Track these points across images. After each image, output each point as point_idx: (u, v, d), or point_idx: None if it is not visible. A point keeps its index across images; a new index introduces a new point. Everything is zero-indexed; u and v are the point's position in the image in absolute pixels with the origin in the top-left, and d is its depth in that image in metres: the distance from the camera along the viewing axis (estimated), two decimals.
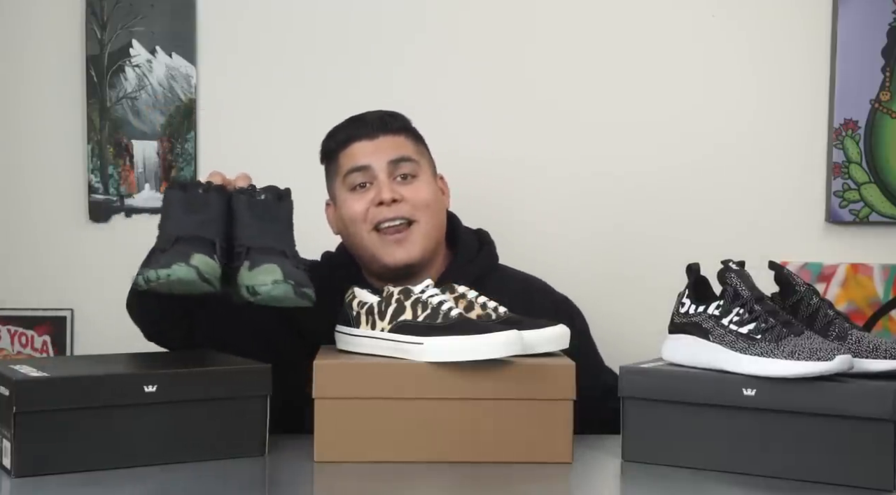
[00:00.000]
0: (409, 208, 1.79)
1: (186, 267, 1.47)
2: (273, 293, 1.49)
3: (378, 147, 1.82)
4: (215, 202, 1.57)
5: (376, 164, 1.81)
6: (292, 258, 1.56)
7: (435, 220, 1.83)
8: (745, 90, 2.28)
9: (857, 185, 2.25)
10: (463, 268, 1.85)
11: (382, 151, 1.81)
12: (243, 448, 1.50)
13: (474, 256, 1.88)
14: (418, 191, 1.81)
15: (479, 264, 1.87)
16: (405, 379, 1.47)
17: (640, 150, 2.28)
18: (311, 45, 2.28)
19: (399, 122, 1.86)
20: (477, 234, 1.93)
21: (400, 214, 1.78)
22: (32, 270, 2.28)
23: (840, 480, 1.38)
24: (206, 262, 1.49)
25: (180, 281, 1.47)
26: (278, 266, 1.51)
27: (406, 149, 1.83)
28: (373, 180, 1.81)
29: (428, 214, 1.81)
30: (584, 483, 1.48)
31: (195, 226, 1.54)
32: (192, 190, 1.58)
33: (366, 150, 1.82)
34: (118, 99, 2.26)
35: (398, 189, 1.79)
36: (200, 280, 1.48)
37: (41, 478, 1.38)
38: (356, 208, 1.81)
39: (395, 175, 1.81)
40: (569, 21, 2.28)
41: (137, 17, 2.25)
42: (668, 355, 1.55)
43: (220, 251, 1.54)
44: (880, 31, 2.24)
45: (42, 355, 2.25)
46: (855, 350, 1.42)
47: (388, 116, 1.85)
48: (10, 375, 1.39)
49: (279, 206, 1.60)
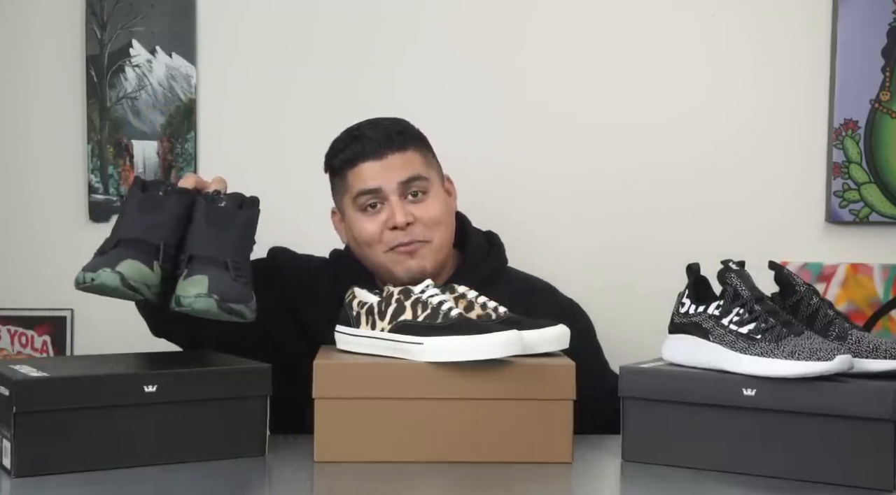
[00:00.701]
0: (422, 229, 1.78)
1: (111, 273, 1.47)
2: (195, 306, 1.48)
3: (387, 167, 1.78)
4: (173, 205, 1.56)
5: (387, 186, 1.78)
6: (233, 270, 1.53)
7: (447, 233, 1.82)
8: (745, 90, 2.28)
9: (857, 185, 2.25)
10: (472, 269, 1.85)
11: (392, 172, 1.78)
12: (243, 448, 1.50)
13: (483, 258, 1.88)
14: (429, 209, 1.79)
15: (488, 266, 1.87)
16: (405, 379, 1.47)
17: (640, 150, 2.28)
18: (312, 44, 2.28)
19: (406, 137, 1.81)
20: (486, 236, 1.93)
21: (414, 238, 1.77)
22: (32, 270, 2.28)
23: (840, 480, 1.38)
24: (137, 269, 1.49)
25: (103, 286, 1.48)
26: (208, 278, 1.50)
27: (415, 167, 1.80)
28: (384, 201, 1.78)
29: (440, 230, 1.80)
30: (584, 483, 1.48)
31: (144, 228, 1.53)
32: (151, 190, 1.57)
33: (375, 172, 1.78)
34: (118, 99, 2.26)
35: (410, 209, 1.78)
36: (124, 286, 1.48)
37: (41, 478, 1.38)
38: (369, 230, 1.79)
39: (405, 194, 1.79)
40: (569, 22, 2.28)
41: (137, 17, 2.25)
42: (668, 355, 1.55)
43: (164, 256, 1.53)
44: (880, 31, 2.24)
45: (42, 355, 2.25)
46: (855, 350, 1.42)
47: (394, 133, 1.80)
48: (10, 375, 1.39)
49: (237, 214, 1.58)
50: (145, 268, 1.50)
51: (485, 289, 1.71)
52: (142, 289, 1.50)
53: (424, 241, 1.78)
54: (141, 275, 1.49)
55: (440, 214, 1.80)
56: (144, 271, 1.50)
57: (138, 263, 1.50)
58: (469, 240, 1.89)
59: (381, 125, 1.82)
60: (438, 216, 1.80)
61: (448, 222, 1.83)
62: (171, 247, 1.54)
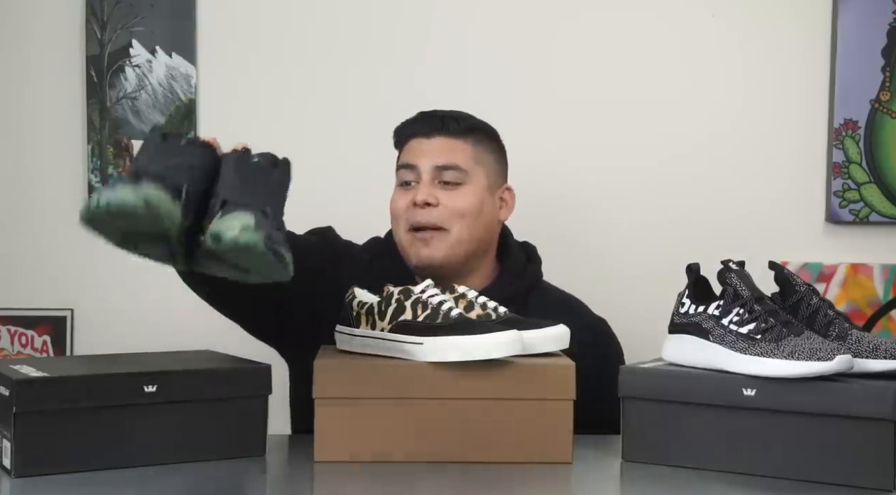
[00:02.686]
0: (442, 215, 1.78)
1: (133, 190, 1.31)
2: (240, 240, 1.31)
3: (430, 148, 1.81)
4: (195, 154, 1.41)
5: (423, 165, 1.81)
6: (273, 219, 1.37)
7: (470, 231, 1.81)
8: (745, 90, 2.28)
9: (857, 185, 2.25)
10: (510, 282, 1.85)
11: (432, 154, 1.81)
12: (243, 448, 1.50)
13: (521, 271, 1.89)
14: (456, 199, 1.79)
15: (526, 280, 1.88)
16: (405, 379, 1.47)
17: (639, 150, 2.28)
18: (312, 44, 2.28)
19: (461, 126, 1.83)
20: (524, 248, 1.94)
21: (430, 220, 1.78)
22: (32, 270, 2.28)
23: (840, 480, 1.38)
24: (160, 197, 1.32)
25: (123, 205, 1.30)
26: (252, 216, 1.33)
27: (457, 157, 1.81)
28: (418, 179, 1.81)
29: (461, 224, 1.79)
30: (584, 483, 1.47)
31: (165, 168, 1.37)
32: (172, 139, 1.42)
33: (418, 149, 1.82)
34: (118, 99, 2.26)
35: (438, 193, 1.79)
36: (146, 209, 1.31)
37: (41, 478, 1.38)
38: (398, 204, 1.82)
39: (438, 179, 1.80)
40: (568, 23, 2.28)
41: (137, 17, 2.25)
42: (668, 355, 1.55)
43: (187, 200, 1.36)
44: (880, 31, 2.24)
45: (42, 355, 2.25)
46: (855, 350, 1.42)
47: (451, 118, 1.84)
48: (10, 375, 1.39)
49: (272, 171, 1.44)
50: (168, 199, 1.32)
51: (519, 302, 1.73)
52: (166, 219, 1.32)
53: (441, 229, 1.78)
54: (165, 203, 1.32)
55: (467, 207, 1.80)
56: (167, 201, 1.32)
57: (163, 192, 1.32)
58: (509, 252, 1.90)
59: (444, 112, 1.86)
60: (464, 208, 1.79)
61: (474, 220, 1.81)
62: (195, 195, 1.37)
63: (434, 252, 1.79)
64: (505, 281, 1.86)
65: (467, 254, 1.82)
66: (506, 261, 1.89)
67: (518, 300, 1.79)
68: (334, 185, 2.26)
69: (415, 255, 1.80)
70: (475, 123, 1.86)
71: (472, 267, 1.84)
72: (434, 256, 1.79)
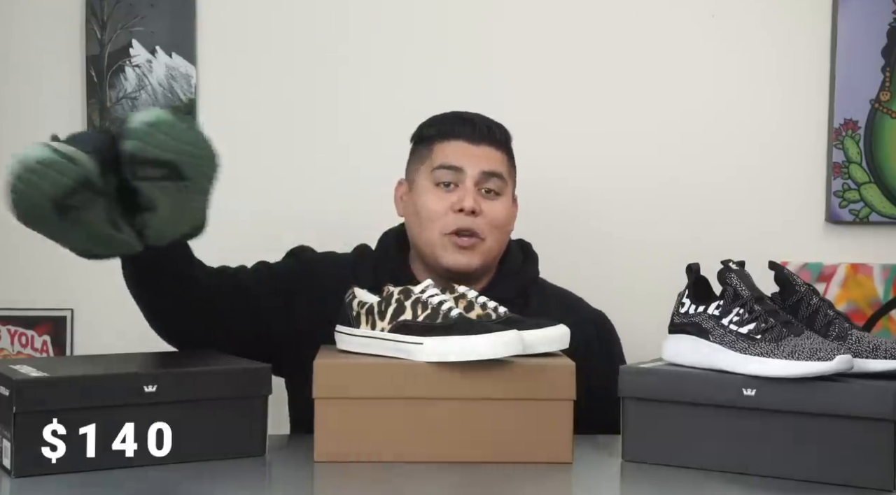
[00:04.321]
0: (484, 225, 1.80)
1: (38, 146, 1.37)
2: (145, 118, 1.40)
3: (477, 154, 1.81)
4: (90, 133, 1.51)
5: (469, 170, 1.80)
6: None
7: (501, 241, 1.84)
8: (744, 90, 2.28)
9: (857, 185, 2.25)
10: (508, 279, 1.86)
11: (479, 159, 1.81)
12: (243, 448, 1.50)
13: (519, 268, 1.90)
14: (497, 209, 1.81)
15: (523, 277, 1.89)
16: (405, 379, 1.47)
17: (639, 150, 2.28)
18: (312, 45, 2.28)
19: (503, 138, 1.85)
20: (520, 246, 1.95)
21: (474, 228, 1.79)
22: (32, 270, 2.28)
23: (840, 480, 1.38)
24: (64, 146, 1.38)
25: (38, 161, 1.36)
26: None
27: (501, 166, 1.83)
28: (459, 183, 1.80)
29: (496, 234, 1.82)
30: (584, 483, 1.47)
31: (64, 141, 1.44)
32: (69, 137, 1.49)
33: (464, 152, 1.81)
34: (118, 99, 2.26)
35: (480, 201, 1.80)
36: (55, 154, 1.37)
37: (41, 478, 1.38)
38: (436, 207, 1.80)
39: (481, 186, 1.81)
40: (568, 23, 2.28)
41: (137, 17, 2.25)
42: (668, 355, 1.55)
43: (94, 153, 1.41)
44: (880, 31, 2.24)
45: (42, 355, 2.25)
46: (855, 350, 1.42)
47: (496, 126, 1.85)
48: (10, 375, 1.39)
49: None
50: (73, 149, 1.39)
51: (519, 299, 1.76)
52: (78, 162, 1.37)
53: (481, 238, 1.80)
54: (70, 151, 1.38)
55: (504, 219, 1.83)
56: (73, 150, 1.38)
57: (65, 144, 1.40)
58: (508, 252, 1.91)
59: (484, 118, 1.86)
60: (502, 220, 1.82)
61: (506, 231, 1.85)
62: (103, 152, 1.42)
63: (472, 259, 1.79)
64: (504, 279, 1.87)
65: (494, 260, 1.85)
66: (504, 260, 1.90)
67: (518, 297, 1.81)
68: (334, 184, 2.26)
69: (451, 259, 1.79)
70: (509, 136, 1.88)
71: (485, 272, 1.85)
72: (472, 263, 1.79)
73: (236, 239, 1.91)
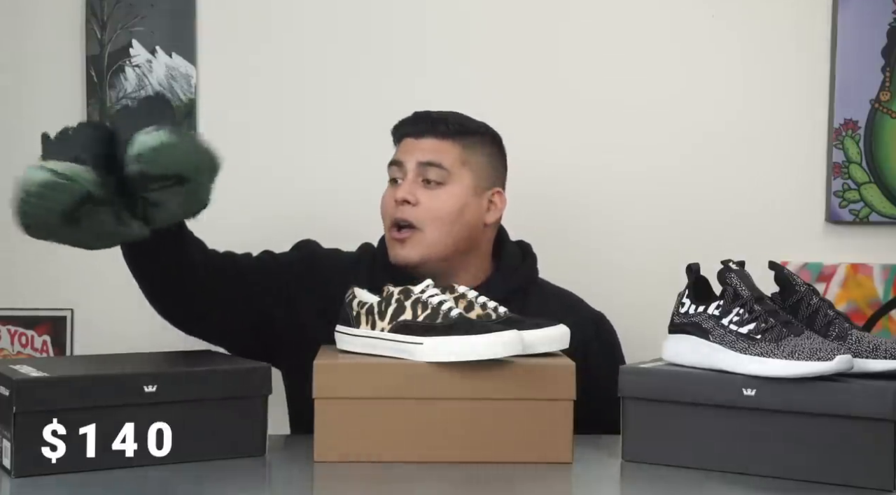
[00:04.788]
0: (419, 214, 1.79)
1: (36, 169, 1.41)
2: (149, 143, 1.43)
3: (417, 147, 1.83)
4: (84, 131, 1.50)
5: (408, 163, 1.83)
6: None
7: (446, 232, 1.80)
8: (744, 90, 2.28)
9: (857, 185, 2.25)
10: (505, 279, 1.87)
11: (417, 152, 1.83)
12: (243, 448, 1.50)
13: (516, 269, 1.90)
14: (435, 199, 1.80)
15: (521, 276, 1.90)
16: (405, 379, 1.47)
17: (639, 150, 2.28)
18: (312, 44, 2.28)
19: (453, 127, 1.84)
20: (520, 246, 1.95)
21: (404, 217, 1.79)
22: (32, 270, 2.28)
23: (840, 480, 1.38)
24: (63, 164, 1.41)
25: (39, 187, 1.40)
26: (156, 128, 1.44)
27: (442, 156, 1.82)
28: (404, 177, 1.83)
29: (436, 225, 1.80)
30: (584, 483, 1.47)
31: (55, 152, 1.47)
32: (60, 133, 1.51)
33: (408, 148, 1.85)
34: (118, 99, 2.26)
35: (418, 192, 1.80)
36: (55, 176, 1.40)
37: (41, 478, 1.38)
38: (385, 201, 1.85)
39: (422, 177, 1.82)
40: (571, 25, 2.28)
41: (137, 17, 2.25)
42: (668, 355, 1.55)
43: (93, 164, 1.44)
44: (880, 31, 2.24)
45: (42, 355, 2.25)
46: (855, 350, 1.42)
47: (441, 120, 1.85)
48: (10, 375, 1.39)
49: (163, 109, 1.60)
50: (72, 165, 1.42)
51: (516, 297, 1.76)
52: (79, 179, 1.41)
53: (415, 228, 1.79)
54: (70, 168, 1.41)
55: (445, 210, 1.80)
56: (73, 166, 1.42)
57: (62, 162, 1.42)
58: (504, 250, 1.91)
59: (437, 113, 1.87)
60: (442, 210, 1.80)
61: (453, 223, 1.81)
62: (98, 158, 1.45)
63: (409, 252, 1.80)
64: (501, 277, 1.87)
65: (446, 254, 1.82)
66: (501, 258, 1.90)
67: (517, 296, 1.81)
68: (333, 184, 2.25)
69: (392, 254, 1.82)
70: (469, 126, 1.86)
71: (455, 266, 1.83)
72: (410, 256, 1.80)
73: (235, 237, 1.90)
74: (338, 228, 1.95)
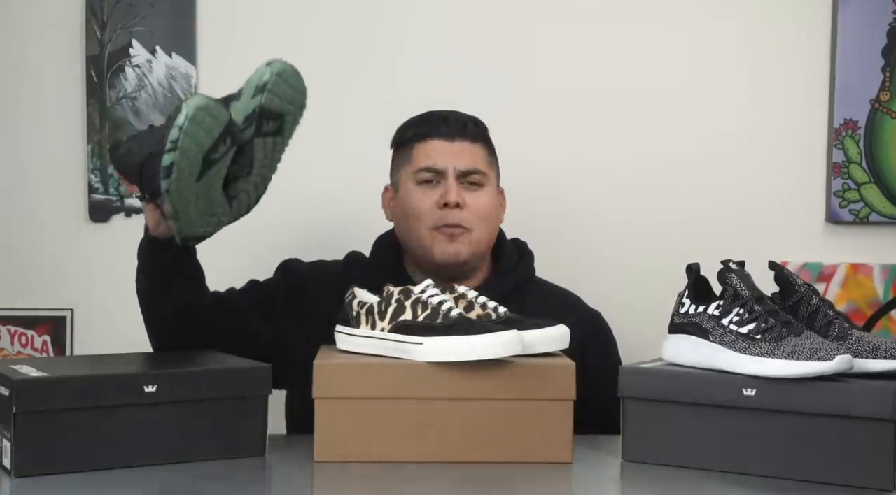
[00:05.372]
0: (469, 216, 1.83)
1: (194, 96, 1.48)
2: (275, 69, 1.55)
3: (454, 151, 1.85)
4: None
5: (449, 169, 1.84)
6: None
7: (488, 231, 1.87)
8: (744, 90, 2.28)
9: (857, 185, 2.25)
10: (503, 278, 1.89)
11: (457, 157, 1.85)
12: (243, 448, 1.50)
13: (514, 268, 1.92)
14: (480, 200, 1.84)
15: (519, 275, 1.91)
16: (405, 379, 1.47)
17: (639, 150, 2.28)
18: (312, 44, 2.28)
19: (479, 130, 1.89)
20: (516, 245, 1.97)
21: (458, 221, 1.82)
22: (32, 270, 2.28)
23: (840, 480, 1.38)
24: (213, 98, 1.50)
25: (198, 109, 1.46)
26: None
27: (479, 161, 1.86)
28: (441, 180, 1.84)
29: (483, 225, 1.84)
30: (584, 483, 1.47)
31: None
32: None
33: (442, 151, 1.85)
34: (118, 99, 2.26)
35: (464, 195, 1.83)
36: (211, 99, 1.48)
37: (41, 478, 1.38)
38: (422, 203, 1.84)
39: (463, 181, 1.85)
40: (570, 24, 2.28)
41: (137, 17, 2.25)
42: (668, 355, 1.55)
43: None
44: (880, 31, 2.24)
45: (42, 355, 2.25)
46: (855, 350, 1.42)
47: (471, 122, 1.88)
48: (10, 375, 1.39)
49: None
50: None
51: (514, 296, 1.78)
52: (220, 101, 1.51)
53: (467, 229, 1.83)
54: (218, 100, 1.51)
55: (489, 209, 1.86)
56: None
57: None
58: (502, 249, 1.93)
59: (459, 114, 1.90)
60: (488, 209, 1.85)
61: (493, 221, 1.88)
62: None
63: (461, 249, 1.83)
64: (500, 277, 1.89)
65: (484, 252, 1.88)
66: (499, 257, 1.92)
67: (515, 294, 1.82)
68: (332, 186, 2.25)
69: (440, 250, 1.83)
70: (484, 128, 1.92)
71: (478, 265, 1.88)
72: (461, 253, 1.83)
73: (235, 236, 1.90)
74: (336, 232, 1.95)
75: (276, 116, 1.56)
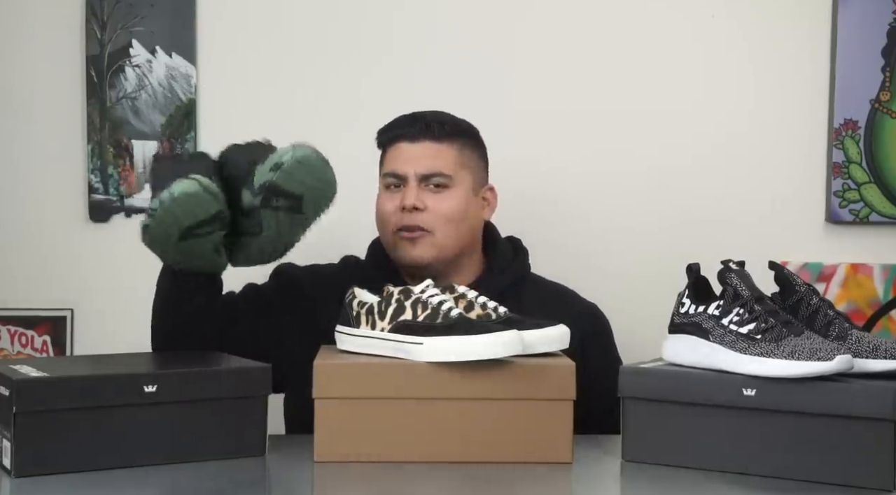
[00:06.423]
0: (429, 218, 1.82)
1: (188, 181, 1.50)
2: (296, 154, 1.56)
3: (416, 154, 1.84)
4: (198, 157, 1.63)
5: (410, 173, 1.84)
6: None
7: (455, 233, 1.84)
8: (744, 90, 2.28)
9: (857, 185, 2.25)
10: (497, 275, 1.89)
11: (418, 160, 1.84)
12: (243, 448, 1.50)
13: (508, 264, 1.92)
14: (443, 203, 1.83)
15: (513, 271, 1.91)
16: (405, 379, 1.47)
17: (639, 150, 2.28)
18: (312, 44, 2.28)
19: (446, 130, 1.86)
20: (510, 242, 1.97)
21: (416, 223, 1.82)
22: (32, 270, 2.28)
23: (840, 480, 1.38)
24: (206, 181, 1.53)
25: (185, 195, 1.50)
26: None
27: (442, 163, 1.84)
28: (402, 184, 1.84)
29: (446, 227, 1.83)
30: (584, 483, 1.48)
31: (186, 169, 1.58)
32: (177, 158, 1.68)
33: (405, 154, 1.85)
34: (118, 99, 2.26)
35: (424, 197, 1.83)
36: (204, 191, 1.51)
37: (41, 478, 1.38)
38: (385, 208, 1.86)
39: (427, 183, 1.84)
40: (568, 22, 2.28)
41: (137, 17, 2.25)
42: (668, 355, 1.55)
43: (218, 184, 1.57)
44: (880, 31, 2.24)
45: (42, 355, 2.25)
46: (855, 350, 1.42)
47: (437, 122, 1.87)
48: (10, 375, 1.39)
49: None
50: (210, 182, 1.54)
51: (510, 293, 1.79)
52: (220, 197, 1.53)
53: (427, 231, 1.82)
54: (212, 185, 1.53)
55: (452, 211, 1.84)
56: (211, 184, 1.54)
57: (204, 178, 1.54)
58: (496, 246, 1.93)
59: (429, 114, 1.89)
60: (450, 212, 1.83)
61: (459, 223, 1.85)
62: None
63: (422, 252, 1.82)
64: (494, 273, 1.89)
65: (454, 254, 1.86)
66: (493, 255, 1.92)
67: (511, 291, 1.83)
68: None
69: (403, 254, 1.84)
70: (460, 127, 1.89)
71: (459, 264, 1.87)
72: (423, 256, 1.82)
73: None
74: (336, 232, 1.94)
75: (289, 195, 1.57)
